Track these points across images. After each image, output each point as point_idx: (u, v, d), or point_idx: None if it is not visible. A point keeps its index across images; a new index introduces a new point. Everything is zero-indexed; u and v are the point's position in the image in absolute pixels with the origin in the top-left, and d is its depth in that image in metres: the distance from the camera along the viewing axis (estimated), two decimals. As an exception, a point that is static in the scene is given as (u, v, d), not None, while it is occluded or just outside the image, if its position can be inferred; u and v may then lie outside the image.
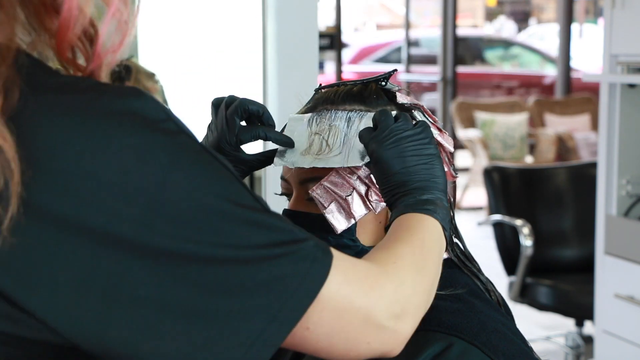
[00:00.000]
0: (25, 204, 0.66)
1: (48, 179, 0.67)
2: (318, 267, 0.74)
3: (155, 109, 0.71)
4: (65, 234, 0.67)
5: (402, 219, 0.95)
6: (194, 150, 0.72)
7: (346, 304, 0.77)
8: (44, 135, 0.67)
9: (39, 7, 0.72)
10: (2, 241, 0.66)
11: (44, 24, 0.73)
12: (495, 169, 3.85)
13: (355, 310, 0.78)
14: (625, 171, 2.81)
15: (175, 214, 0.69)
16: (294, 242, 0.74)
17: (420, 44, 10.96)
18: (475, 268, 1.10)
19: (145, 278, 0.68)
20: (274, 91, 2.11)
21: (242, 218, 0.71)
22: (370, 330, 0.79)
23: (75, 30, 0.72)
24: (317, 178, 1.06)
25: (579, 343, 3.37)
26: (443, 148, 1.09)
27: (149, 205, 0.68)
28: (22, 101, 0.67)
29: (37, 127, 0.67)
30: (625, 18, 2.67)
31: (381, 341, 0.81)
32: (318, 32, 2.12)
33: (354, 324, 0.78)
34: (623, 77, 2.72)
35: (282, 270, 0.72)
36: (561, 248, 3.78)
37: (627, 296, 2.76)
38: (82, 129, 0.68)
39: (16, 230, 0.66)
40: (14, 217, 0.65)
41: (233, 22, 2.27)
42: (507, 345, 1.00)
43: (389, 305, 0.80)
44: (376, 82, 1.11)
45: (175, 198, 0.69)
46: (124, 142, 0.68)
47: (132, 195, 0.67)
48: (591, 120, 7.63)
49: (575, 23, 13.76)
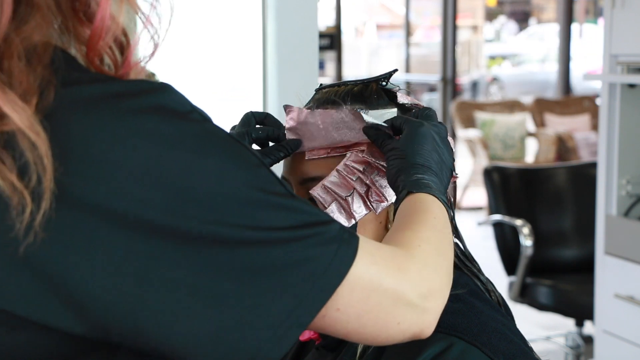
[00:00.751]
0: (60, 193, 0.68)
1: (82, 169, 0.68)
2: (345, 249, 0.76)
3: (181, 102, 0.73)
4: (99, 220, 0.68)
5: (415, 198, 0.96)
6: (220, 137, 0.74)
7: (375, 284, 0.78)
8: (77, 128, 0.69)
9: (72, 15, 0.74)
10: (34, 236, 0.67)
11: (76, 31, 0.75)
12: (495, 169, 3.85)
13: (384, 290, 0.79)
14: (625, 171, 2.81)
15: (205, 199, 0.70)
16: (322, 224, 0.75)
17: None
18: (475, 268, 1.10)
19: (177, 261, 0.70)
20: (274, 91, 2.11)
21: (270, 202, 0.73)
22: (399, 310, 0.81)
23: (107, 39, 0.74)
24: (318, 178, 1.07)
25: (579, 343, 3.37)
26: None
27: (179, 191, 0.70)
28: (57, 100, 0.69)
29: (70, 122, 0.69)
30: (625, 18, 2.67)
31: (411, 321, 0.82)
32: (318, 32, 2.12)
33: (383, 304, 0.79)
34: (623, 77, 2.72)
35: (310, 251, 0.74)
36: (561, 248, 3.78)
37: (627, 296, 2.76)
38: (114, 120, 0.69)
39: (49, 223, 0.67)
40: (46, 213, 0.67)
41: (233, 22, 2.27)
42: (507, 346, 1.00)
43: (416, 286, 0.82)
44: (377, 82, 1.11)
45: (205, 183, 0.71)
46: (154, 131, 0.70)
47: (163, 182, 0.69)
48: (591, 120, 7.63)
49: (575, 23, 13.78)
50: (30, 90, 0.68)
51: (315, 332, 1.08)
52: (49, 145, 0.67)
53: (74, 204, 0.68)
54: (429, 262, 0.85)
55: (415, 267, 0.83)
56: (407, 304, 0.81)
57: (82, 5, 0.75)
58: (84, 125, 0.69)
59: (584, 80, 3.24)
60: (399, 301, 0.80)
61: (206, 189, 0.71)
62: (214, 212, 0.71)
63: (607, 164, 2.82)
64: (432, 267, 0.85)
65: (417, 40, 13.72)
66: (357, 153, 1.07)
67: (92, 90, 0.71)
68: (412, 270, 0.82)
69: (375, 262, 0.79)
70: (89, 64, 0.75)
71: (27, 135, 0.67)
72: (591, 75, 5.45)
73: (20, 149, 0.67)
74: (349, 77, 9.17)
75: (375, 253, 0.79)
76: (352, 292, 0.77)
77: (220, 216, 0.71)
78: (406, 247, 0.85)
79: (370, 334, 0.80)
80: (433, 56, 9.86)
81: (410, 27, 9.35)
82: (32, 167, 0.67)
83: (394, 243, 0.86)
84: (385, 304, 0.79)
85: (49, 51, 0.71)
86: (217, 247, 0.71)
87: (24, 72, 0.69)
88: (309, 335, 1.08)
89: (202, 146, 0.72)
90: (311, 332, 1.08)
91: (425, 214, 0.93)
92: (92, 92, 0.70)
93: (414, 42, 10.57)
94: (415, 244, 0.86)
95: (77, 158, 0.68)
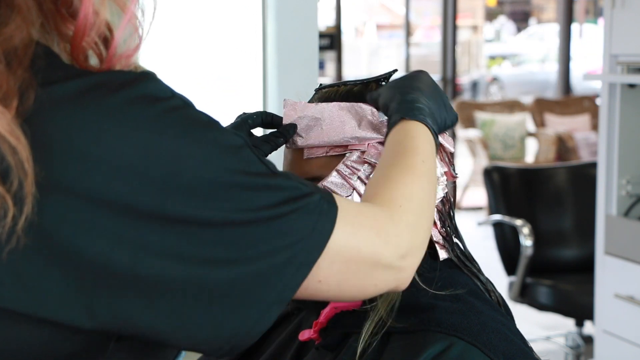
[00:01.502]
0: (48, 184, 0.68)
1: (67, 164, 0.69)
2: (324, 221, 0.78)
3: (162, 89, 0.74)
4: (88, 208, 0.69)
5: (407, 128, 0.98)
6: (202, 122, 0.75)
7: (354, 254, 0.81)
8: (59, 126, 0.69)
9: (55, 13, 0.74)
10: (17, 241, 0.67)
11: (59, 30, 0.75)
12: (495, 169, 3.85)
13: (363, 258, 0.82)
14: (625, 171, 2.81)
15: (190, 184, 0.72)
16: (302, 197, 0.77)
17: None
18: (475, 268, 1.10)
19: (164, 246, 0.71)
20: (274, 91, 2.11)
21: (252, 184, 0.75)
22: (377, 273, 0.84)
23: (91, 35, 0.74)
24: (318, 178, 1.07)
25: (579, 343, 3.37)
26: (443, 148, 1.09)
27: (164, 178, 0.71)
28: (37, 101, 0.69)
29: (52, 121, 0.69)
30: (625, 18, 2.67)
31: (388, 280, 0.85)
32: (318, 32, 2.12)
33: (362, 270, 0.82)
34: (623, 77, 2.72)
35: (291, 225, 0.76)
36: (561, 248, 3.78)
37: (627, 296, 2.76)
38: (97, 113, 0.70)
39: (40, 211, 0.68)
40: (28, 217, 0.67)
41: (233, 21, 2.27)
42: (507, 346, 1.00)
43: (395, 249, 0.84)
44: (376, 82, 1.11)
45: (189, 169, 0.72)
46: (137, 121, 0.71)
47: (148, 170, 0.70)
48: (591, 120, 7.63)
49: (575, 23, 13.77)
50: (10, 94, 0.68)
51: (315, 332, 1.08)
52: (29, 149, 0.67)
53: (63, 192, 0.69)
54: (409, 222, 0.87)
55: (395, 230, 0.85)
56: (385, 266, 0.84)
57: (64, 4, 0.74)
58: (66, 123, 0.69)
59: (584, 80, 3.24)
60: (377, 265, 0.83)
61: (190, 174, 0.72)
62: (199, 197, 0.72)
63: (607, 164, 2.82)
64: (412, 227, 0.87)
65: (417, 40, 13.73)
66: (357, 153, 1.07)
67: (73, 86, 0.71)
68: (391, 234, 0.84)
69: (354, 231, 0.81)
70: (74, 61, 0.75)
71: (7, 140, 0.67)
72: (591, 75, 5.45)
73: (1, 154, 0.67)
74: (349, 77, 9.17)
75: (354, 221, 0.81)
76: (333, 264, 0.79)
77: (205, 200, 0.72)
78: (387, 207, 0.87)
79: (349, 296, 0.84)
80: (433, 56, 9.86)
81: (410, 27, 9.35)
82: (13, 172, 0.67)
83: (377, 199, 0.88)
84: (364, 270, 0.82)
85: (29, 53, 0.70)
86: (202, 230, 0.72)
87: (4, 76, 0.68)
88: (309, 335, 1.08)
89: (184, 132, 0.73)
90: (311, 332, 1.08)
91: (413, 156, 0.94)
92: (74, 88, 0.70)
93: (414, 42, 10.57)
94: (397, 203, 0.88)
95: (61, 155, 0.69)
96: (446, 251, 1.09)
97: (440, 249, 1.09)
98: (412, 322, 1.02)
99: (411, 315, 1.02)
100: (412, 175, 0.92)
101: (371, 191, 0.91)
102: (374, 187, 0.91)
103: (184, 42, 2.41)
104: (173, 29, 2.43)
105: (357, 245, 0.81)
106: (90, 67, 0.75)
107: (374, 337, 1.02)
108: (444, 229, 1.09)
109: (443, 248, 1.09)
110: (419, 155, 0.94)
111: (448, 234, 1.09)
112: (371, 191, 0.91)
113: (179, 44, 2.42)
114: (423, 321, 1.01)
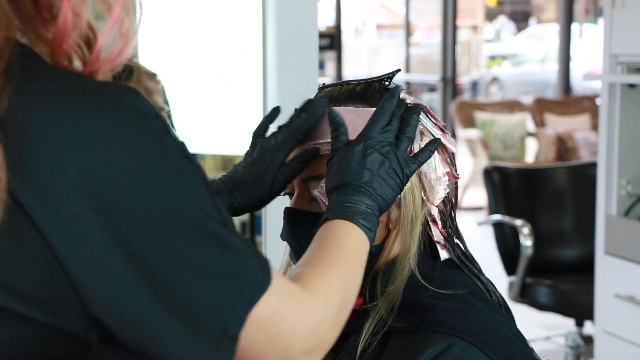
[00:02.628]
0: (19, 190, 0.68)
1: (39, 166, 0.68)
2: (254, 288, 0.76)
3: (146, 106, 0.73)
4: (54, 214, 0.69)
5: (334, 226, 0.95)
6: (176, 152, 0.73)
7: (275, 331, 0.78)
8: (32, 128, 0.68)
9: (35, 15, 0.73)
10: None
11: (39, 32, 0.73)
12: (495, 169, 3.85)
13: (279, 340, 0.78)
14: (625, 171, 2.81)
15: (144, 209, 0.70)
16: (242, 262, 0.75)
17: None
18: (475, 269, 1.11)
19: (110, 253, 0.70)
20: (274, 91, 2.11)
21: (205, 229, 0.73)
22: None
23: (72, 38, 0.73)
24: (319, 177, 1.07)
25: (579, 343, 3.37)
26: (446, 149, 1.09)
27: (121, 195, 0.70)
28: (10, 107, 0.68)
29: (25, 124, 0.68)
30: (625, 18, 2.67)
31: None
32: (318, 32, 2.12)
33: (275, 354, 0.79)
34: (623, 77, 2.72)
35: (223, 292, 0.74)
36: (561, 248, 3.78)
37: (627, 296, 2.76)
38: (71, 119, 0.69)
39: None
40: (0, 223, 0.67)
41: (233, 22, 2.27)
42: (508, 346, 1.00)
43: (306, 342, 0.81)
44: (379, 81, 1.11)
45: (152, 194, 0.71)
46: (113, 134, 0.70)
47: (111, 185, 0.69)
48: (591, 120, 7.63)
49: (575, 23, 13.77)
50: None
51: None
52: (3, 156, 0.67)
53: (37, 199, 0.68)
54: (329, 316, 0.84)
55: (315, 321, 0.82)
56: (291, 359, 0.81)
57: (45, 6, 0.73)
58: (40, 126, 0.68)
59: (584, 80, 3.24)
60: (287, 357, 0.80)
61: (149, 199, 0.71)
62: (150, 224, 0.71)
63: (607, 164, 2.82)
64: (331, 320, 0.85)
65: (417, 40, 13.72)
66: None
67: (49, 91, 0.70)
68: (309, 325, 0.81)
69: (279, 308, 0.78)
70: (56, 64, 0.74)
71: None
72: (591, 75, 5.45)
73: None
74: (349, 77, 9.16)
75: (283, 296, 0.79)
76: (257, 333, 0.76)
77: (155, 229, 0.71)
78: (314, 294, 0.84)
79: None
80: (433, 56, 9.86)
81: (410, 27, 9.34)
82: None
83: (305, 284, 0.85)
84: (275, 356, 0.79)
85: (4, 57, 0.70)
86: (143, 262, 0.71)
87: None
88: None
89: (156, 157, 0.71)
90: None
91: (337, 255, 0.91)
92: (49, 93, 0.70)
93: (414, 42, 10.57)
94: (323, 294, 0.85)
95: (32, 160, 0.68)
96: (447, 251, 1.09)
97: (441, 249, 1.09)
98: (412, 322, 1.02)
99: (412, 315, 1.02)
100: (336, 269, 0.89)
101: (301, 272, 0.87)
102: (303, 271, 0.88)
103: (184, 42, 2.41)
104: (173, 30, 2.43)
105: (279, 323, 0.78)
106: (73, 70, 0.74)
107: (374, 336, 1.02)
108: (445, 229, 1.09)
109: (444, 248, 1.09)
110: (343, 254, 0.91)
111: (449, 235, 1.09)
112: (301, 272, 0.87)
113: (179, 45, 2.42)
114: (423, 321, 1.01)
